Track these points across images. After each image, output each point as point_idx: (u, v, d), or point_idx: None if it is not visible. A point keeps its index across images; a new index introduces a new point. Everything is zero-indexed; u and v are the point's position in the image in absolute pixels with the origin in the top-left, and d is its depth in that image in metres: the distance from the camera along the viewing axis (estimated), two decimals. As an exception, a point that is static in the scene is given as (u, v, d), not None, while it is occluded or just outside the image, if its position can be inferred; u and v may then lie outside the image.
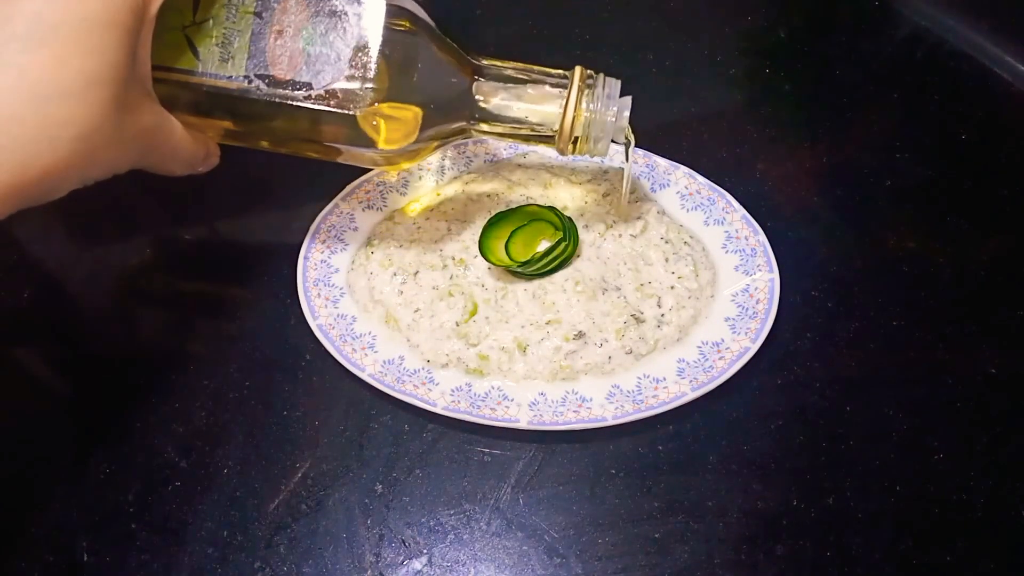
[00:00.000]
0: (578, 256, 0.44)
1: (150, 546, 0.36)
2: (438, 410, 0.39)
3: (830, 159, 0.52)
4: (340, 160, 0.39)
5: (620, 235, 0.45)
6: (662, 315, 0.42)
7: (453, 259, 0.44)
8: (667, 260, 0.44)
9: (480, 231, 0.43)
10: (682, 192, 0.48)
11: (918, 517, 0.38)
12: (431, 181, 0.48)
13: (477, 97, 0.37)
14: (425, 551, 0.36)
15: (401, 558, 0.36)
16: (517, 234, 0.43)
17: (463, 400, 0.40)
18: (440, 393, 0.40)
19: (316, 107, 0.34)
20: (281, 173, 0.47)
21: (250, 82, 0.34)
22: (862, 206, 0.50)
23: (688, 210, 0.47)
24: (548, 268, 0.43)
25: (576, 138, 0.38)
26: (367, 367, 0.40)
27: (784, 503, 0.38)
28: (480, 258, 0.43)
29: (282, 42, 0.33)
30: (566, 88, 0.37)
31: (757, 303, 0.43)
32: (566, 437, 0.39)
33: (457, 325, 0.42)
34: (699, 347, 0.42)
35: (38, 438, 0.40)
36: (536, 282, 0.43)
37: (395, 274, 0.43)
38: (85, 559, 0.36)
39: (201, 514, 0.37)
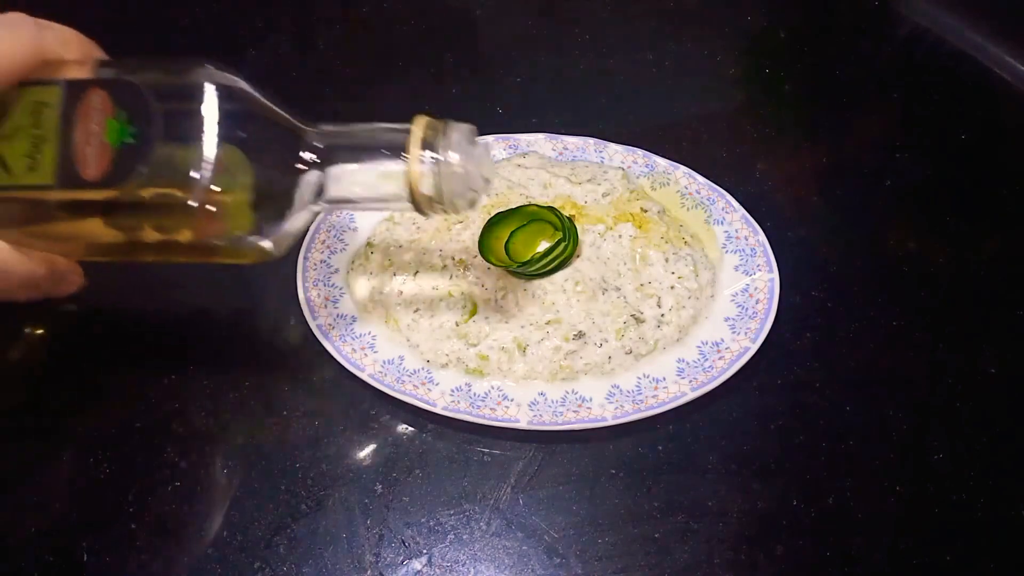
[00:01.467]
0: (578, 256, 0.44)
1: (150, 546, 0.36)
2: (438, 410, 0.39)
3: (830, 159, 0.52)
4: (198, 258, 0.34)
5: (620, 235, 0.44)
6: (662, 315, 0.42)
7: (453, 259, 0.44)
8: (667, 260, 0.44)
9: (480, 231, 0.43)
10: (682, 192, 0.48)
11: (918, 517, 0.38)
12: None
13: (318, 173, 0.33)
14: (425, 551, 0.36)
15: (401, 558, 0.36)
16: (517, 234, 0.43)
17: (463, 400, 0.40)
18: (440, 393, 0.40)
19: (135, 205, 0.31)
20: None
21: (61, 188, 0.31)
22: (862, 206, 0.50)
23: (688, 209, 0.47)
24: (548, 268, 0.43)
25: (431, 198, 0.33)
26: (367, 367, 0.40)
27: (784, 503, 0.38)
28: (480, 258, 0.43)
29: (89, 141, 0.31)
30: (406, 147, 0.32)
31: (757, 303, 0.43)
32: (566, 437, 0.39)
33: (457, 325, 0.42)
34: (699, 347, 0.42)
35: (38, 438, 0.40)
36: (536, 282, 0.43)
37: (395, 274, 0.43)
38: (85, 559, 0.36)
39: (201, 514, 0.37)
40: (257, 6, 0.62)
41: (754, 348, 0.41)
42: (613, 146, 0.50)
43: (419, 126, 0.33)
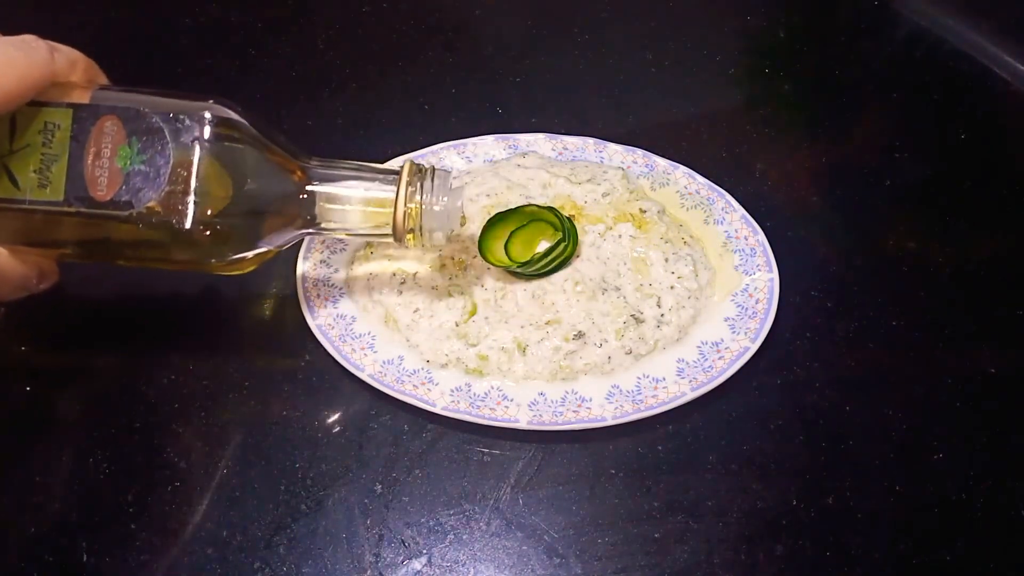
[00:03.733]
0: (578, 256, 0.44)
1: (150, 546, 0.36)
2: (438, 410, 0.39)
3: (830, 159, 0.52)
4: (188, 269, 0.38)
5: (620, 235, 0.45)
6: (662, 315, 0.42)
7: (453, 259, 0.44)
8: (667, 260, 0.44)
9: (480, 231, 0.43)
10: (681, 192, 0.48)
11: (918, 517, 0.38)
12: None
13: (310, 201, 0.37)
14: (425, 551, 0.36)
15: (401, 558, 0.36)
16: (517, 234, 0.43)
17: (463, 400, 0.40)
18: (440, 393, 0.40)
19: (140, 225, 0.34)
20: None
21: (70, 206, 0.33)
22: (862, 206, 0.50)
23: (688, 209, 0.47)
24: (548, 268, 0.43)
25: (412, 231, 0.37)
26: (366, 367, 0.40)
27: (784, 503, 0.38)
28: (480, 258, 0.43)
29: (100, 163, 0.33)
30: (396, 184, 0.37)
31: (757, 303, 0.43)
32: (566, 437, 0.39)
33: (456, 325, 0.42)
34: (699, 347, 0.42)
35: (38, 438, 0.40)
36: (536, 282, 0.43)
37: (394, 274, 0.43)
38: (85, 559, 0.36)
39: (201, 514, 0.37)
40: (256, 7, 0.62)
41: (754, 348, 0.41)
42: (613, 146, 0.50)
43: (407, 169, 0.37)
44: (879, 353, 0.43)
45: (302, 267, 0.44)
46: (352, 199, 0.37)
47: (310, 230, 0.38)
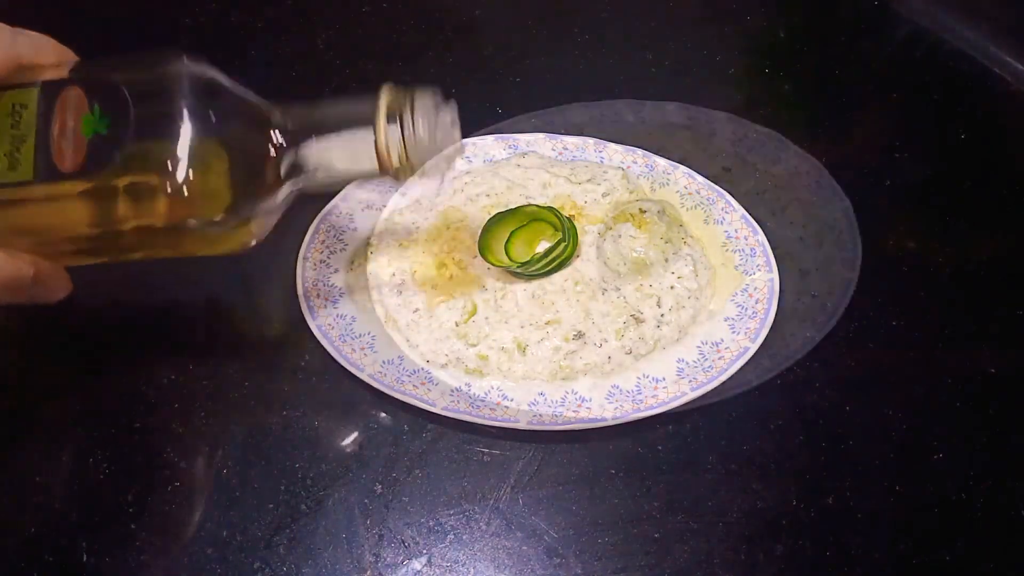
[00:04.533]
0: (578, 256, 0.44)
1: (150, 546, 0.36)
2: (437, 410, 0.39)
3: (830, 159, 0.52)
4: (179, 250, 0.35)
5: (620, 235, 0.44)
6: (662, 315, 0.42)
7: (453, 259, 0.44)
8: (667, 260, 0.44)
9: (480, 231, 0.43)
10: (681, 192, 0.48)
11: (918, 517, 0.38)
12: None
13: (292, 154, 0.34)
14: (425, 551, 0.36)
15: (401, 558, 0.36)
16: (517, 234, 0.43)
17: (462, 400, 0.40)
18: (439, 393, 0.40)
19: (114, 195, 0.32)
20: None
21: (41, 181, 0.32)
22: (862, 206, 0.50)
23: (688, 209, 0.47)
24: (548, 268, 0.43)
25: (399, 167, 0.34)
26: (366, 367, 0.40)
27: (784, 503, 0.38)
28: (480, 258, 0.43)
29: (65, 136, 0.32)
30: (375, 120, 0.34)
31: (756, 303, 0.43)
32: (566, 437, 0.39)
33: (456, 325, 0.42)
34: (699, 347, 0.42)
35: (38, 438, 0.40)
36: (536, 282, 0.43)
37: (394, 274, 0.43)
38: (85, 559, 0.36)
39: (201, 514, 0.37)
40: (256, 6, 0.62)
41: (754, 348, 0.41)
42: (613, 146, 0.50)
43: (384, 99, 0.34)
44: (879, 353, 0.43)
45: (302, 267, 0.44)
46: (334, 143, 0.34)
47: (296, 182, 0.35)
